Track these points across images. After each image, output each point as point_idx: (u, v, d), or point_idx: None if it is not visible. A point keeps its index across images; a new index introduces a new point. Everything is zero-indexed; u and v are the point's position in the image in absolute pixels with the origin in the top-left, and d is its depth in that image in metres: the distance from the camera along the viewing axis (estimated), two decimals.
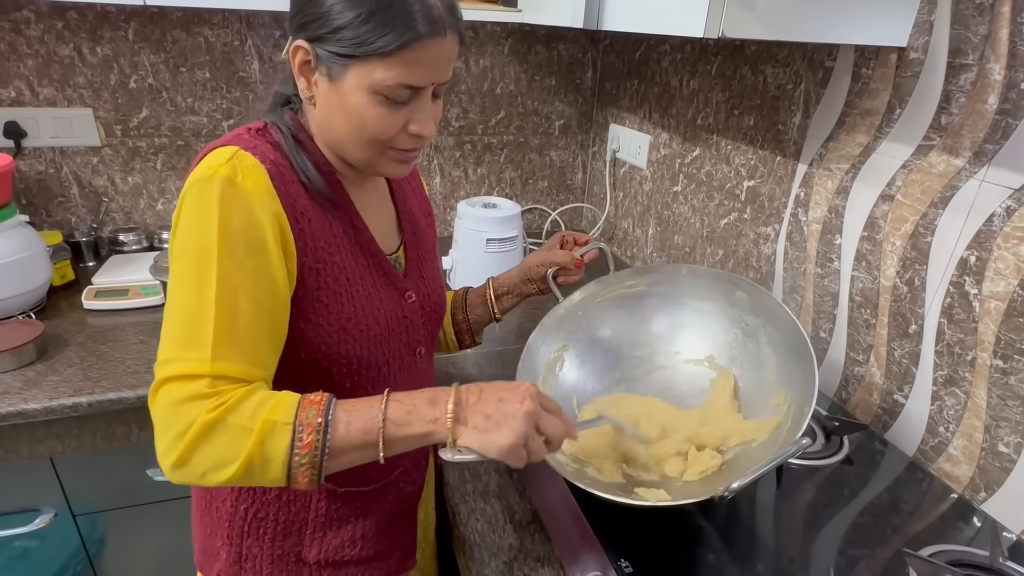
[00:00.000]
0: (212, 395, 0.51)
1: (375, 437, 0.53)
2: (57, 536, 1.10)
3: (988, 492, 0.75)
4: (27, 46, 1.25)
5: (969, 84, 0.73)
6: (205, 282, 0.52)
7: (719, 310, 0.82)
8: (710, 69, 1.19)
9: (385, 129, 0.58)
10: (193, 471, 0.51)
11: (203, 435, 0.50)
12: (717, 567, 0.64)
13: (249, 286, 0.54)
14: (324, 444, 0.52)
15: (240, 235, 0.53)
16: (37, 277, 1.14)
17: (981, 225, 0.73)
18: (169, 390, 0.51)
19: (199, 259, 0.52)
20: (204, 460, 0.50)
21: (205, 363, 0.51)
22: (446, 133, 1.62)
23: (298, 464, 0.51)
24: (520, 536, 0.74)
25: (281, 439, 0.51)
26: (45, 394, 0.94)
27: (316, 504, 0.69)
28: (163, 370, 0.52)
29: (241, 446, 0.50)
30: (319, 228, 0.60)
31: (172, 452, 0.50)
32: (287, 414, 0.52)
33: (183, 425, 0.50)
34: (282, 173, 0.58)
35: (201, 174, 0.54)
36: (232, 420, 0.50)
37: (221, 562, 0.71)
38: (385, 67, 0.55)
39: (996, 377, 0.73)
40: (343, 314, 0.62)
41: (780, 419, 0.70)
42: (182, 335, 0.52)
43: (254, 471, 0.51)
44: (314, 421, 0.52)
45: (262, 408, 0.51)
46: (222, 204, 0.53)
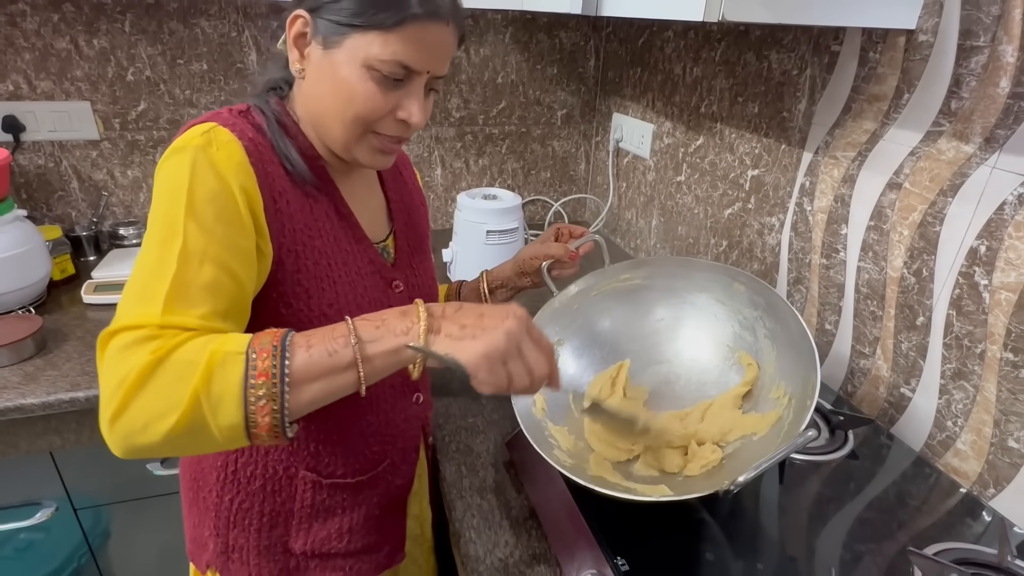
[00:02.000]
0: (156, 337, 0.46)
1: (343, 358, 0.48)
2: (60, 529, 1.10)
3: (997, 488, 0.73)
4: (23, 39, 1.24)
5: (980, 67, 0.70)
6: (169, 244, 0.50)
7: (716, 302, 0.80)
8: (714, 56, 1.17)
9: (372, 108, 0.57)
10: (133, 422, 0.44)
11: (143, 377, 0.44)
12: (716, 565, 0.62)
13: (215, 251, 0.51)
14: (283, 370, 0.46)
15: (210, 202, 0.52)
16: (36, 272, 1.14)
17: (992, 213, 0.70)
18: (113, 342, 0.46)
19: (166, 223, 0.51)
20: (144, 407, 0.44)
21: (154, 316, 0.47)
22: (447, 124, 1.60)
23: (255, 398, 0.45)
24: (516, 533, 0.73)
25: (233, 369, 0.45)
26: (43, 389, 0.94)
27: (302, 495, 0.68)
28: (111, 326, 0.48)
29: (186, 384, 0.44)
30: (298, 210, 0.59)
31: (110, 404, 0.44)
32: (239, 344, 0.46)
33: (123, 372, 0.44)
34: (260, 152, 0.57)
35: (176, 145, 0.54)
36: (176, 356, 0.45)
37: (209, 553, 0.70)
38: (383, 42, 0.54)
39: (1007, 370, 0.71)
40: (324, 300, 0.61)
41: (781, 412, 0.68)
42: (138, 292, 0.49)
43: (203, 414, 0.44)
44: (268, 346, 0.46)
45: (210, 342, 0.46)
46: (193, 172, 0.52)
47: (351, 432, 0.69)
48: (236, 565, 0.69)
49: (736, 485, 0.56)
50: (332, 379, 0.48)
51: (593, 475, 0.68)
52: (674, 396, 0.80)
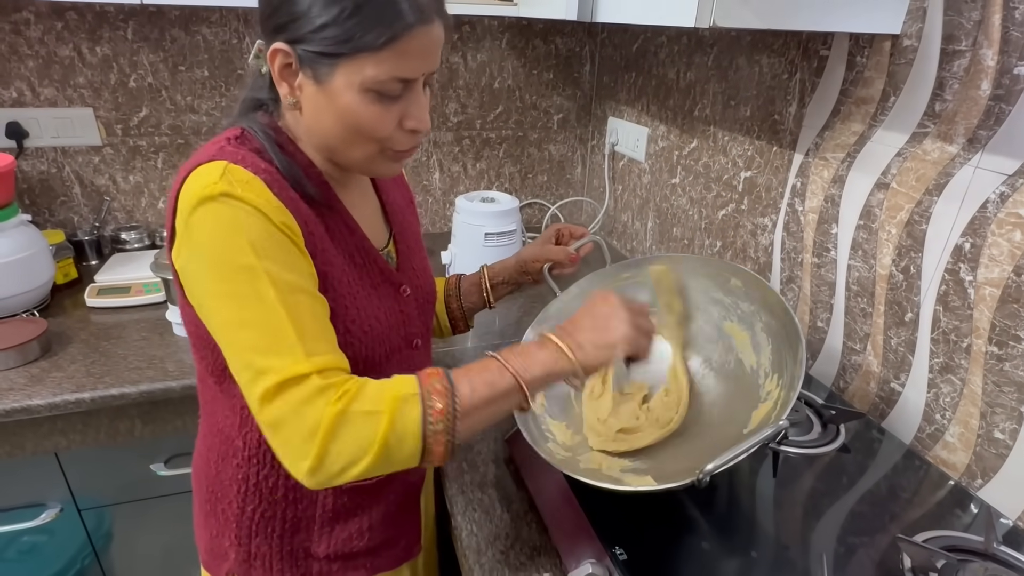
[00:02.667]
0: (329, 387, 0.51)
1: (504, 386, 0.55)
2: (64, 531, 1.11)
3: (984, 479, 0.75)
4: (27, 47, 1.26)
5: (962, 70, 0.73)
6: (262, 292, 0.51)
7: (715, 299, 0.82)
8: (706, 60, 1.19)
9: (381, 127, 0.57)
10: (331, 469, 0.50)
11: (333, 428, 0.49)
12: (711, 553, 0.64)
13: (301, 283, 0.54)
14: (455, 407, 0.53)
15: (269, 242, 0.53)
16: (40, 276, 1.16)
17: (975, 212, 0.73)
18: (282, 398, 0.50)
19: (242, 274, 0.52)
20: (340, 454, 0.50)
21: (303, 362, 0.51)
22: (444, 128, 1.62)
23: (433, 432, 0.52)
24: (516, 526, 0.74)
25: (412, 411, 0.51)
26: (49, 390, 0.95)
27: (323, 500, 0.69)
28: (261, 384, 0.51)
29: (374, 430, 0.50)
30: (320, 233, 0.60)
31: (306, 456, 0.49)
32: (411, 386, 0.53)
33: (311, 425, 0.49)
34: (277, 182, 0.56)
35: (201, 194, 0.52)
36: (357, 408, 0.51)
37: (230, 562, 0.71)
38: (376, 62, 0.53)
39: (991, 364, 0.73)
40: (348, 317, 0.61)
41: (772, 405, 0.70)
42: (265, 347, 0.51)
43: (390, 451, 0.51)
44: (439, 386, 0.53)
45: (384, 390, 0.52)
46: (240, 218, 0.52)
47: None
48: (259, 572, 0.70)
49: (705, 473, 0.56)
50: (492, 407, 0.56)
51: (585, 468, 0.70)
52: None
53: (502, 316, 1.25)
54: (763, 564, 0.63)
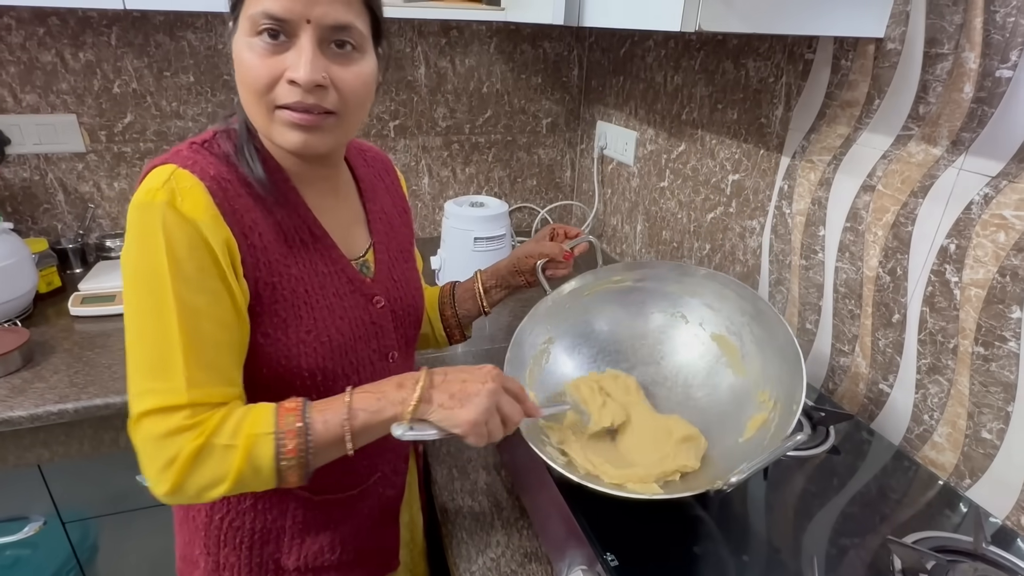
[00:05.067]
0: (193, 426, 0.52)
1: (347, 430, 0.55)
2: (48, 544, 1.09)
3: (972, 479, 0.76)
4: (8, 53, 1.25)
5: (945, 73, 0.73)
6: (164, 310, 0.52)
7: (706, 307, 0.82)
8: (694, 64, 1.20)
9: (258, 75, 0.53)
10: (187, 493, 0.53)
11: (190, 462, 0.52)
12: (703, 558, 0.64)
13: (208, 308, 0.54)
14: (308, 446, 0.54)
15: (189, 260, 0.53)
16: (22, 285, 1.14)
17: (960, 213, 0.73)
18: (150, 424, 0.52)
19: (153, 288, 0.52)
20: (196, 483, 0.52)
21: (181, 393, 0.52)
22: (433, 133, 1.62)
23: (287, 467, 0.54)
24: (508, 533, 0.74)
25: (266, 449, 0.53)
26: (31, 401, 0.93)
27: (293, 512, 0.68)
28: (139, 403, 0.53)
29: (229, 463, 0.52)
30: (271, 241, 0.58)
31: (164, 482, 0.52)
32: (267, 425, 0.53)
33: (169, 457, 0.51)
34: (224, 188, 0.55)
35: (140, 199, 0.53)
36: (216, 442, 0.52)
37: (200, 571, 0.70)
38: (253, 2, 0.52)
39: (978, 364, 0.74)
40: (301, 326, 0.60)
41: (767, 415, 0.70)
42: (151, 366, 0.53)
43: (246, 481, 0.53)
44: (293, 426, 0.54)
45: (242, 424, 0.53)
46: (166, 231, 0.52)
47: None
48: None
49: (729, 485, 0.58)
50: (343, 444, 0.56)
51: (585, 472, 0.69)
52: (660, 397, 0.81)
53: (493, 321, 1.25)
54: (755, 568, 0.62)
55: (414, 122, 1.58)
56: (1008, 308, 0.69)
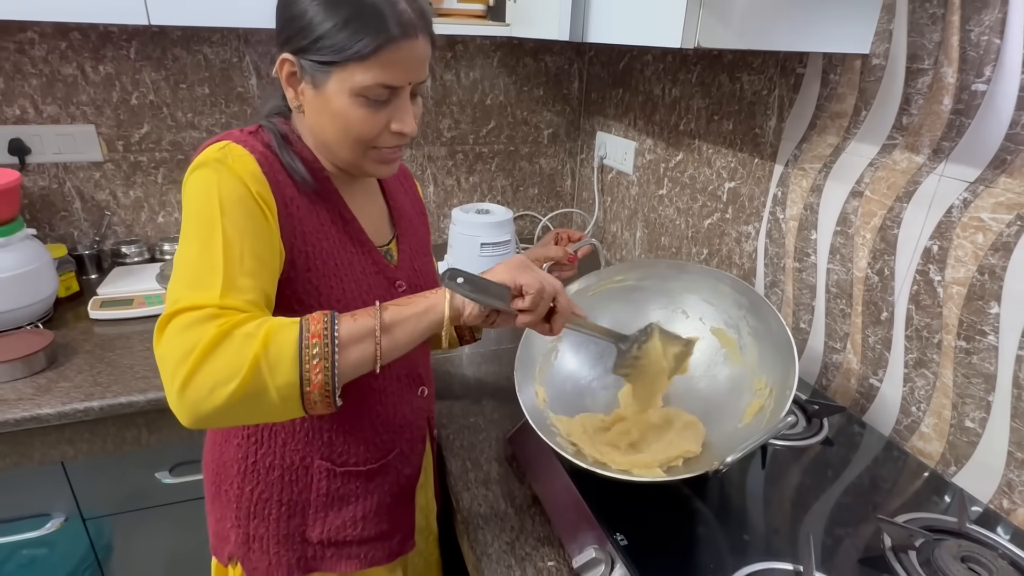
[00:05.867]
0: (220, 315, 0.52)
1: (377, 321, 0.57)
2: (65, 543, 1.12)
3: (958, 466, 0.80)
4: (31, 66, 1.29)
5: (926, 87, 0.79)
6: (211, 239, 0.56)
7: (704, 302, 0.87)
8: (690, 77, 1.26)
9: (368, 129, 0.63)
10: (199, 389, 0.50)
11: (210, 348, 0.50)
12: (706, 537, 0.68)
13: (251, 243, 0.58)
14: (333, 332, 0.54)
15: (238, 203, 0.58)
16: (44, 289, 1.18)
17: (942, 216, 0.79)
18: (175, 321, 0.52)
19: (204, 224, 0.57)
20: (210, 374, 0.50)
21: (214, 296, 0.54)
22: (439, 143, 1.67)
23: (309, 357, 0.52)
24: (521, 519, 0.78)
25: (288, 333, 0.52)
26: (58, 399, 0.97)
27: (317, 484, 0.73)
28: (170, 308, 0.53)
29: (247, 350, 0.50)
30: (307, 215, 0.65)
31: (178, 374, 0.50)
32: (291, 319, 0.54)
33: (190, 344, 0.50)
34: (270, 163, 0.63)
35: (197, 161, 0.61)
36: (238, 331, 0.52)
37: (231, 544, 0.74)
38: (363, 70, 0.60)
39: (961, 357, 0.79)
40: (332, 296, 0.66)
41: (763, 402, 0.75)
42: (189, 280, 0.55)
43: (263, 376, 0.51)
44: (319, 316, 0.55)
45: (266, 320, 0.54)
46: (219, 180, 0.58)
47: (362, 422, 0.74)
48: (256, 555, 0.73)
49: (724, 465, 0.62)
50: (370, 342, 0.56)
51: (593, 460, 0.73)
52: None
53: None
54: (755, 546, 0.67)
55: (420, 133, 1.64)
56: (987, 304, 0.74)
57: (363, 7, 0.58)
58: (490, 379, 1.10)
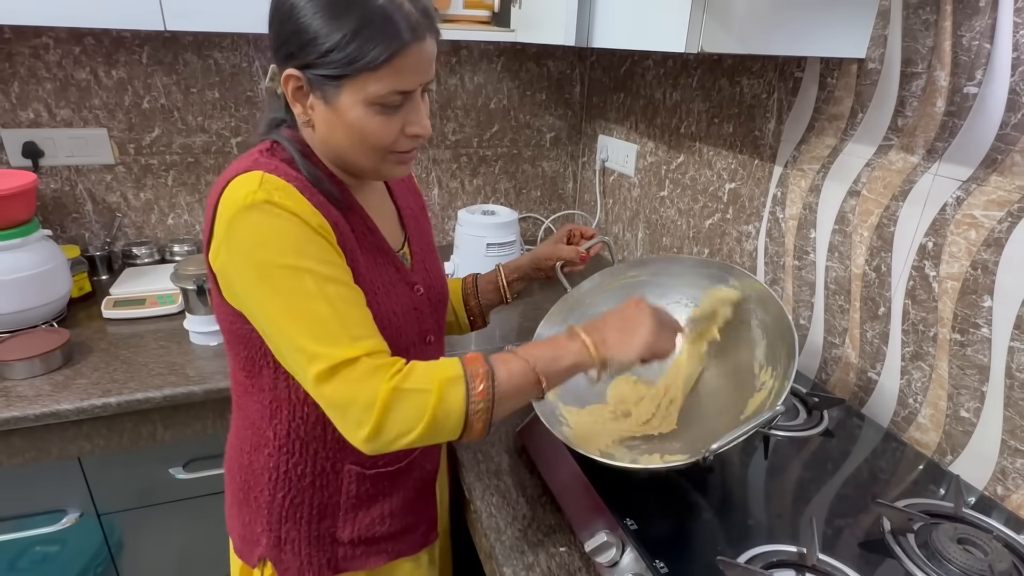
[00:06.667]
0: (381, 367, 0.57)
1: (534, 376, 0.62)
2: (78, 539, 1.14)
3: (954, 454, 0.83)
4: (46, 70, 1.32)
5: (920, 90, 0.82)
6: (304, 289, 0.57)
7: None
8: (691, 81, 1.29)
9: (385, 135, 0.62)
10: (386, 437, 0.57)
11: (389, 403, 0.56)
12: (713, 523, 0.71)
13: (339, 276, 0.60)
14: (494, 391, 0.59)
15: (307, 243, 0.59)
16: (59, 288, 1.20)
17: (936, 214, 0.82)
18: (341, 376, 0.57)
19: (286, 273, 0.57)
20: (395, 424, 0.57)
21: (350, 347, 0.57)
22: (443, 147, 1.70)
23: (475, 411, 0.58)
24: (532, 508, 0.80)
25: (458, 391, 0.58)
26: (76, 395, 0.99)
27: (347, 487, 0.74)
28: (316, 365, 0.57)
29: (424, 406, 0.57)
30: (346, 234, 0.65)
31: (364, 425, 0.56)
32: (456, 369, 0.59)
33: (368, 399, 0.56)
34: (307, 188, 0.62)
35: (242, 202, 0.58)
36: (410, 386, 0.57)
37: (262, 547, 0.76)
38: (377, 79, 0.58)
39: (955, 349, 0.81)
40: (370, 310, 0.66)
41: (767, 393, 0.78)
42: (312, 334, 0.57)
43: (438, 424, 0.57)
44: (480, 370, 0.59)
45: (431, 371, 0.59)
46: (277, 223, 0.58)
47: None
48: (288, 556, 0.75)
49: (710, 452, 0.64)
50: (524, 393, 0.62)
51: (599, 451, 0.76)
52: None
53: (504, 322, 1.32)
54: (759, 530, 0.69)
55: None
56: (980, 298, 0.77)
57: (371, 16, 0.56)
58: None
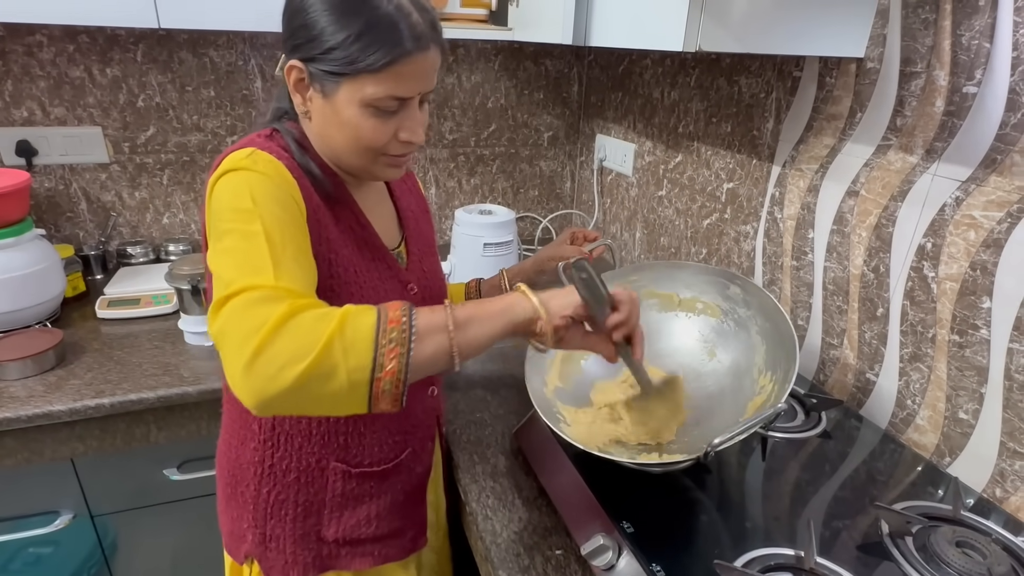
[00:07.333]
0: (285, 296, 0.51)
1: (462, 316, 0.55)
2: (71, 540, 1.13)
3: (952, 456, 0.83)
4: (39, 68, 1.31)
5: (919, 90, 0.82)
6: (252, 230, 0.55)
7: (715, 303, 0.89)
8: (689, 81, 1.28)
9: (378, 138, 0.64)
10: (268, 366, 0.47)
11: (280, 324, 0.48)
12: (710, 525, 0.70)
13: (291, 231, 0.57)
14: (411, 320, 0.52)
15: (273, 198, 0.58)
16: (53, 288, 1.19)
17: (935, 215, 0.81)
18: (238, 299, 0.50)
19: (238, 215, 0.56)
20: (281, 351, 0.47)
21: (269, 281, 0.51)
22: (440, 146, 1.69)
23: (387, 341, 0.50)
24: (528, 510, 0.79)
25: (367, 316, 0.51)
26: (69, 396, 0.98)
27: (333, 485, 0.74)
28: (226, 290, 0.51)
29: (322, 329, 0.48)
30: (329, 222, 0.66)
31: (244, 350, 0.47)
32: (368, 306, 0.53)
33: (258, 321, 0.48)
34: (296, 169, 0.63)
35: (225, 167, 0.60)
36: (310, 312, 0.50)
37: (248, 544, 0.76)
38: (375, 82, 0.60)
39: (954, 351, 0.81)
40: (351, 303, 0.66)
41: (766, 397, 0.77)
42: (238, 265, 0.53)
43: (335, 357, 0.48)
44: (397, 304, 0.53)
45: (341, 307, 0.52)
46: (252, 181, 0.58)
47: (376, 424, 0.75)
48: (273, 553, 0.75)
49: (712, 447, 0.63)
50: (443, 334, 0.54)
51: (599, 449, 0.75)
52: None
53: None
54: (756, 532, 0.69)
55: None
56: (979, 299, 0.77)
57: (377, 20, 0.58)
58: (495, 376, 1.12)
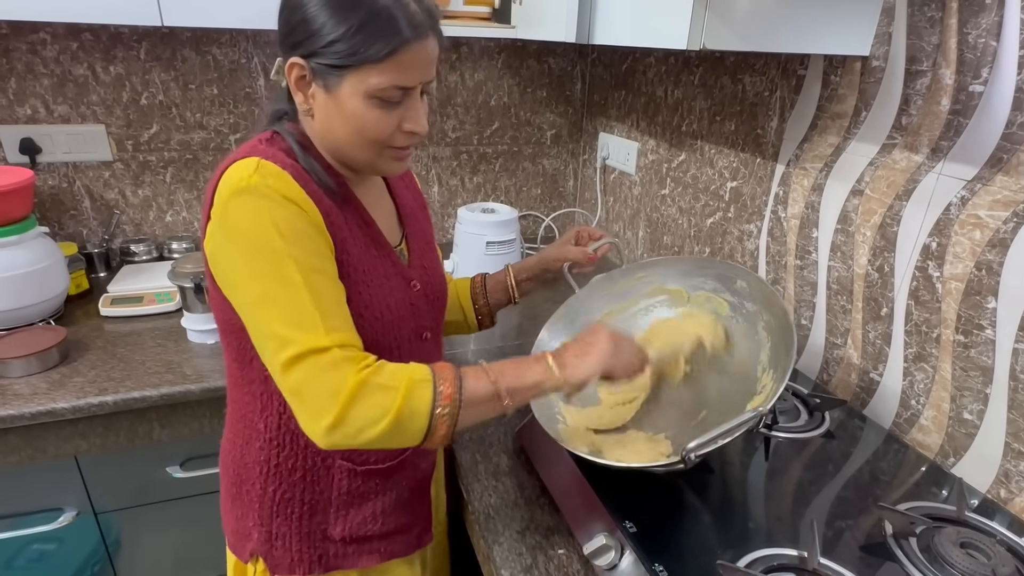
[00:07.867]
0: (351, 359, 0.57)
1: (495, 389, 0.62)
2: (75, 537, 1.13)
3: (956, 457, 0.82)
4: (43, 66, 1.31)
5: (925, 88, 0.81)
6: (286, 274, 0.58)
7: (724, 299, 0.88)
8: (693, 79, 1.28)
9: (382, 130, 0.64)
10: (348, 429, 0.56)
11: (355, 394, 0.56)
12: (712, 524, 0.70)
13: (322, 267, 0.61)
14: (461, 396, 0.60)
15: (295, 230, 0.59)
16: (56, 286, 1.19)
17: (940, 214, 0.81)
18: (308, 363, 0.56)
19: (269, 256, 0.58)
20: (358, 416, 0.56)
21: (324, 336, 0.57)
22: (443, 144, 1.69)
23: (440, 415, 0.59)
24: (531, 509, 0.79)
25: (424, 393, 0.58)
26: (72, 394, 0.98)
27: (338, 483, 0.74)
28: (287, 350, 0.57)
29: (390, 402, 0.57)
30: (339, 224, 0.66)
31: (327, 414, 0.55)
32: (425, 372, 0.60)
33: (334, 387, 0.56)
34: (302, 177, 0.63)
35: (235, 186, 0.59)
36: (376, 380, 0.57)
37: (253, 542, 0.75)
38: (378, 72, 0.60)
39: (959, 351, 0.81)
40: (361, 302, 0.67)
41: (765, 396, 0.77)
42: (287, 319, 0.57)
43: (402, 424, 0.57)
44: (449, 376, 0.60)
45: (400, 370, 0.59)
46: (269, 207, 0.59)
47: None
48: (279, 552, 0.74)
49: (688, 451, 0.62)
50: (490, 404, 0.63)
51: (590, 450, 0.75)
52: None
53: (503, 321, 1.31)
54: (759, 533, 0.69)
55: None
56: (985, 299, 0.77)
57: (375, 11, 0.58)
58: None
